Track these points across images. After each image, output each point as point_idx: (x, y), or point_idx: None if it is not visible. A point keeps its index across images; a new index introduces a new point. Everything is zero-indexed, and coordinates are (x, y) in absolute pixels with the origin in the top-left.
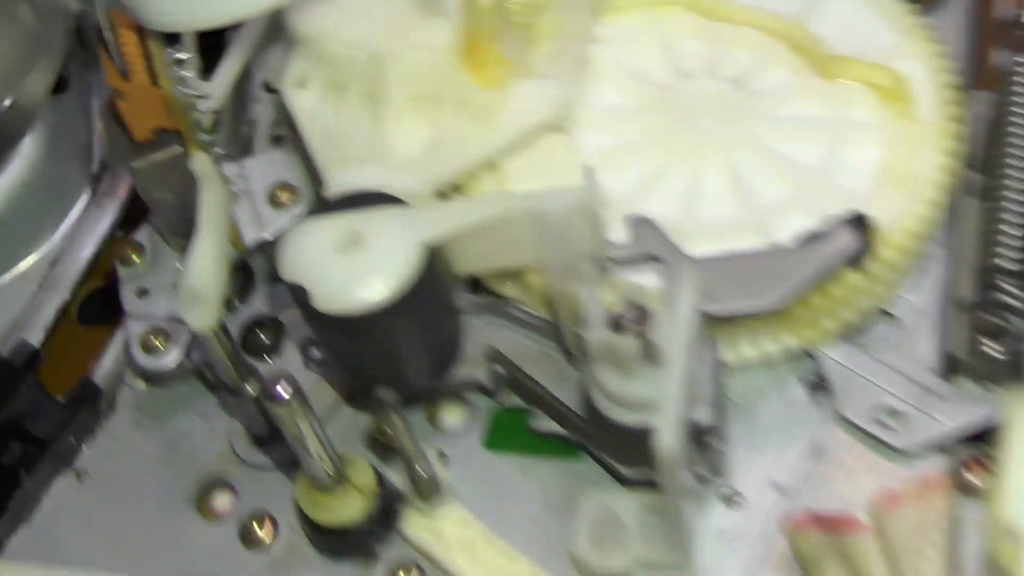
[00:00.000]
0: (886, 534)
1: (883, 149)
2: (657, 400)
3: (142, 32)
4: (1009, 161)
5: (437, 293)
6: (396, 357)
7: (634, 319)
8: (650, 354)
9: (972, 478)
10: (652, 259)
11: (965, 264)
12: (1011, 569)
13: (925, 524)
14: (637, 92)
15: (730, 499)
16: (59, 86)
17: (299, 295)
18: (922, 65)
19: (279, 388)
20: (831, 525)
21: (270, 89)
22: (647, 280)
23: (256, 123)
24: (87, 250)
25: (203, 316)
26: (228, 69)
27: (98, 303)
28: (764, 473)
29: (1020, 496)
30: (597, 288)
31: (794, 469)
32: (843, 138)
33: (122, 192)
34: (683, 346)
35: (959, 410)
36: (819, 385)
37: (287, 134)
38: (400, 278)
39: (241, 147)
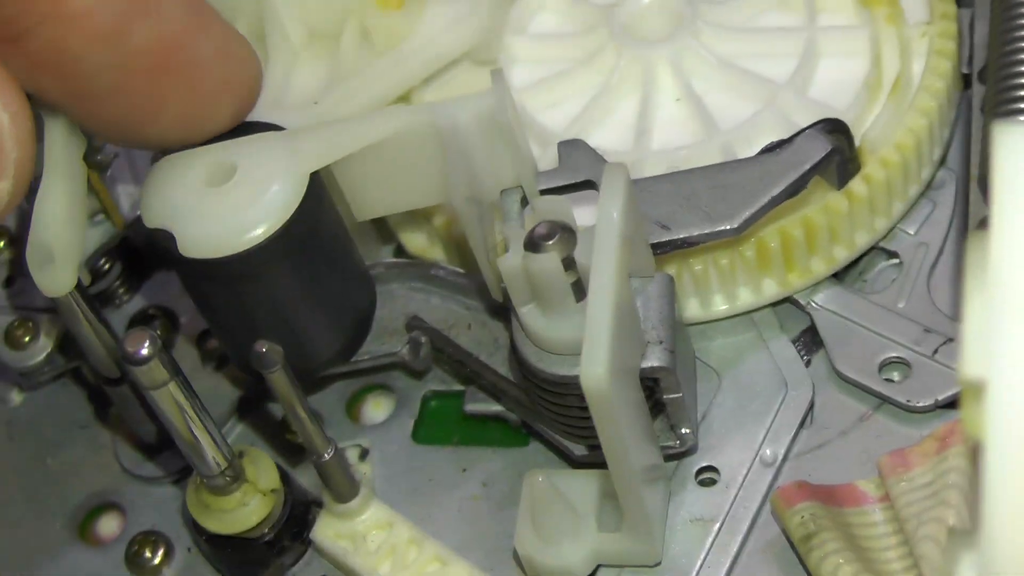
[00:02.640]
0: (896, 502)
1: (865, 57)
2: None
3: None
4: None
5: (329, 236)
6: (287, 316)
7: (555, 237)
8: (577, 284)
9: None
10: (584, 185)
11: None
12: (981, 437)
13: (942, 487)
14: (574, 14)
15: (707, 477)
16: None
17: (166, 243)
18: None
19: (139, 344)
20: (829, 498)
21: None
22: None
23: None
24: None
25: (55, 277)
26: None
27: None
28: (749, 445)
29: (979, 343)
30: (516, 214)
31: (784, 439)
32: (818, 47)
33: None
34: (612, 264)
35: None
36: (810, 339)
37: None
38: (280, 211)
39: None
